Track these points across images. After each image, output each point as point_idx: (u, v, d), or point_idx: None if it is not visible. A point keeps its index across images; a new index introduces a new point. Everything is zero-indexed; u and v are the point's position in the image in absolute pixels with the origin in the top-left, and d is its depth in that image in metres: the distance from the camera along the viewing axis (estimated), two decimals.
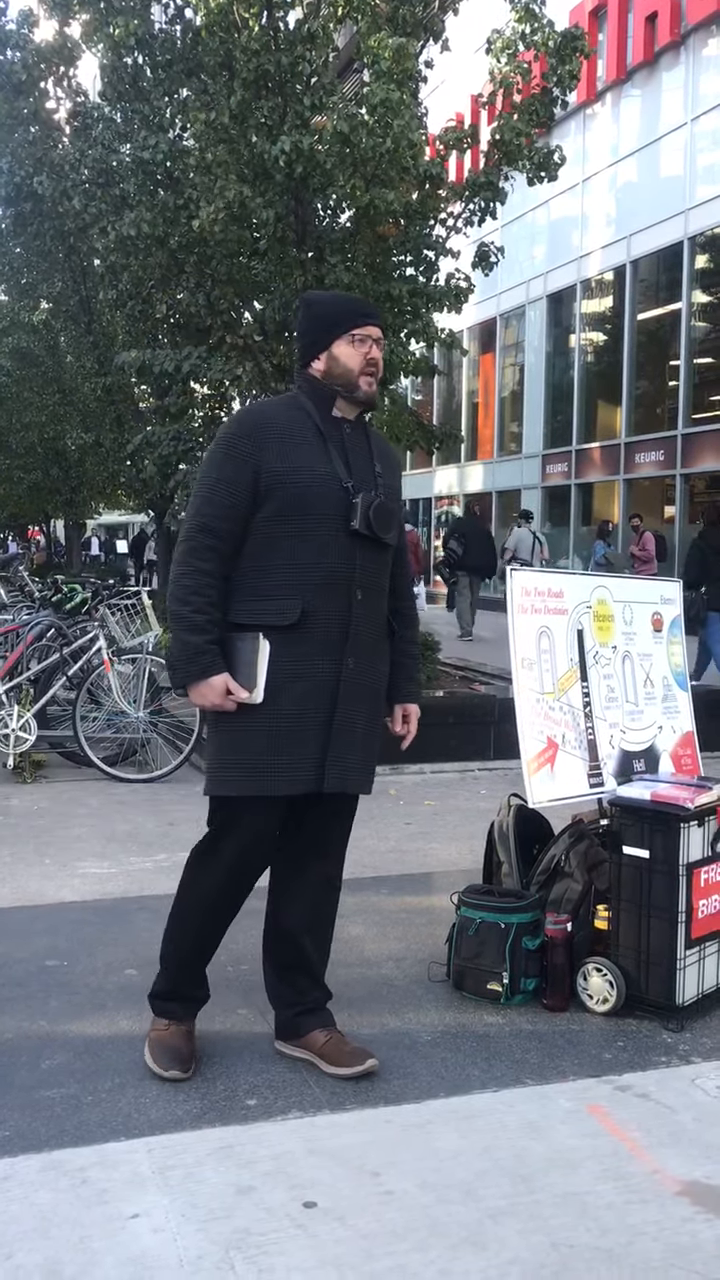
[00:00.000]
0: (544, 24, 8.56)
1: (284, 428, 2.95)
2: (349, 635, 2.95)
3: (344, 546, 2.92)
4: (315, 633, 2.91)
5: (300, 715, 2.90)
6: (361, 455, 3.04)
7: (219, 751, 2.97)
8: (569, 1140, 2.72)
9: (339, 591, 2.92)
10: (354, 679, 2.97)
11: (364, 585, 2.97)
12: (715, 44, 17.29)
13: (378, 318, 3.10)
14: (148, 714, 6.98)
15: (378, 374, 3.06)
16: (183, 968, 3.13)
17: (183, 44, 8.96)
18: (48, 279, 15.86)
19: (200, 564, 2.90)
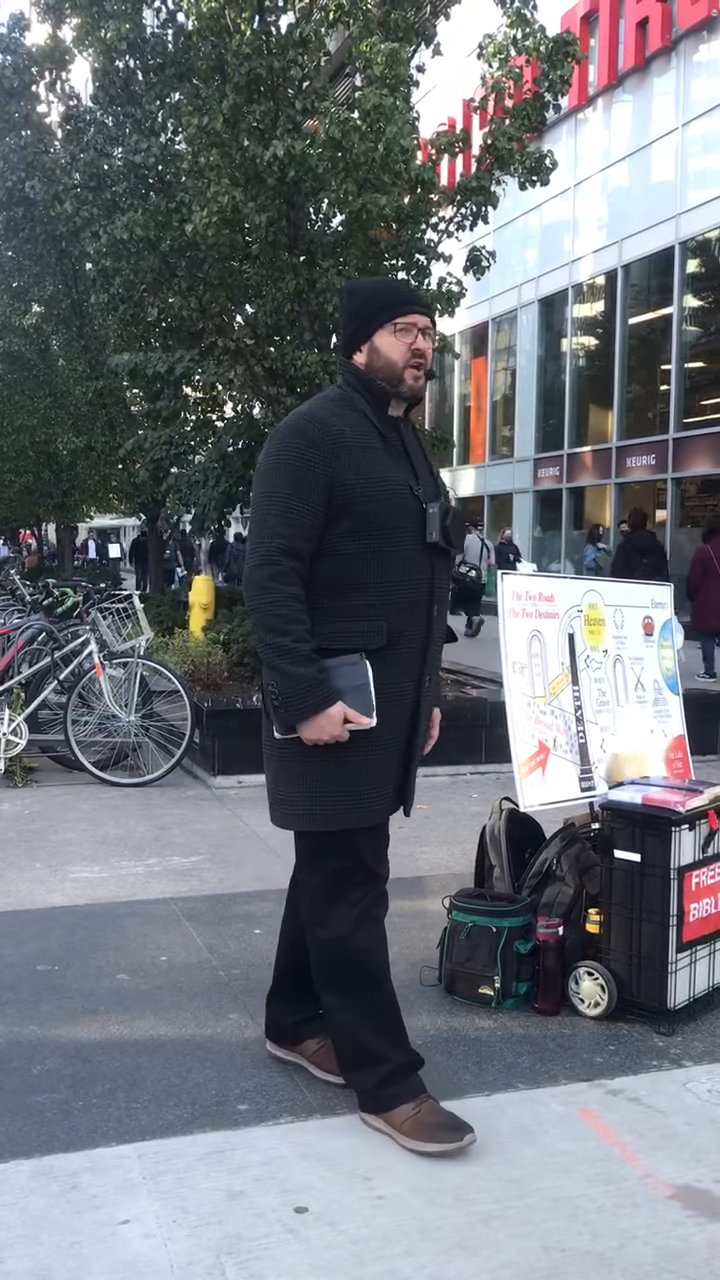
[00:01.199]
0: (536, 29, 8.59)
1: (351, 434, 2.71)
2: (427, 653, 2.81)
3: (424, 562, 2.76)
4: (401, 653, 2.75)
5: (390, 740, 2.76)
6: (419, 458, 2.86)
7: (302, 785, 2.75)
8: (560, 1144, 2.72)
9: (420, 609, 2.77)
10: (428, 695, 2.85)
11: (440, 600, 2.82)
12: (706, 49, 17.34)
13: (424, 305, 2.83)
14: (139, 718, 6.97)
15: (425, 366, 2.81)
16: (386, 1037, 2.81)
17: (175, 48, 8.97)
18: (39, 283, 15.84)
19: (290, 589, 2.66)
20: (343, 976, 2.79)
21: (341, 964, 2.78)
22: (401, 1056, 2.79)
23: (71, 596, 7.97)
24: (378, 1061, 2.76)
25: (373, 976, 2.80)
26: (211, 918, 4.39)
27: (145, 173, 8.36)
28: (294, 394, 8.90)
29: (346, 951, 2.77)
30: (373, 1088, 2.77)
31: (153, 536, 17.50)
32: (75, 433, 16.73)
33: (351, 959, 2.77)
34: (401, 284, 2.94)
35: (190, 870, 5.04)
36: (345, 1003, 2.79)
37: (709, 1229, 2.39)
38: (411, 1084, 2.76)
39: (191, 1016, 3.45)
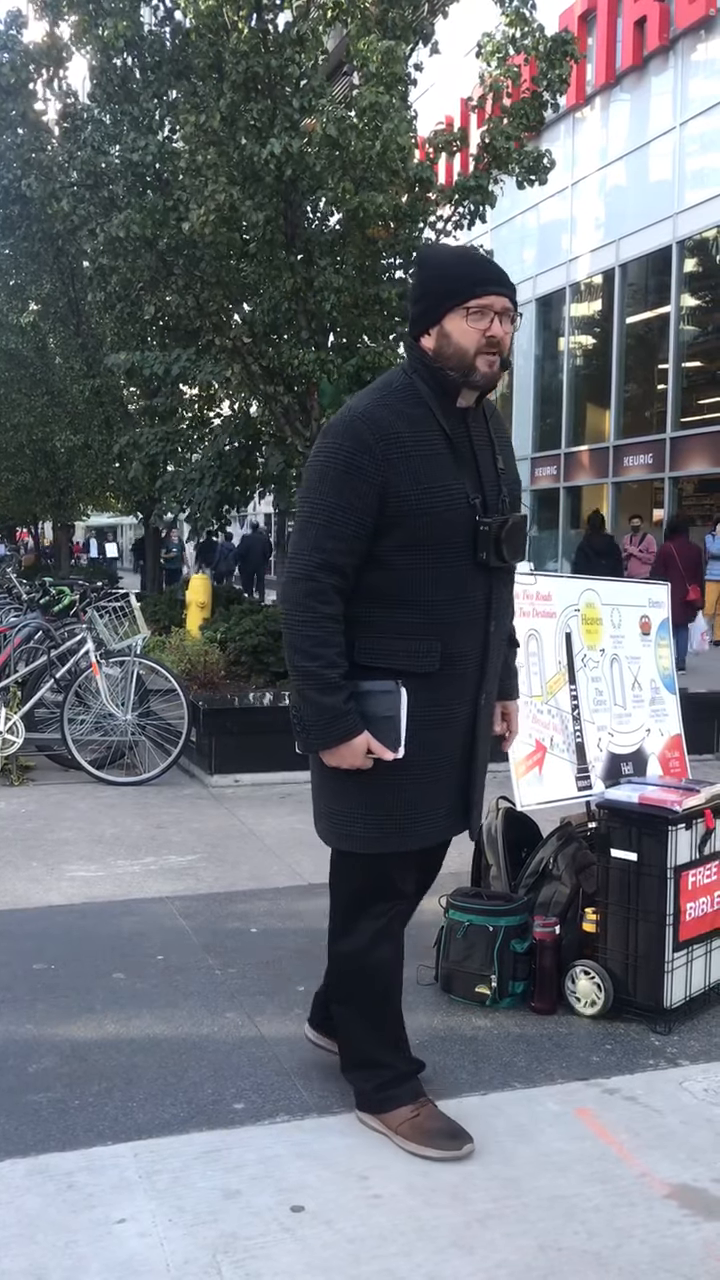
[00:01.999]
0: (534, 28, 8.59)
1: (409, 435, 2.50)
2: (485, 672, 2.65)
3: (479, 576, 2.57)
4: (455, 674, 2.59)
5: (439, 765, 2.62)
6: (486, 454, 2.63)
7: (346, 803, 2.64)
8: (556, 1143, 2.72)
9: (476, 628, 2.60)
10: (486, 713, 2.70)
11: (498, 616, 2.65)
12: (704, 49, 17.35)
13: (503, 283, 2.54)
14: (136, 717, 6.97)
15: (501, 352, 2.54)
16: (388, 1045, 2.77)
17: (172, 46, 8.96)
18: (36, 281, 15.83)
19: (325, 608, 2.50)
20: (355, 989, 2.77)
21: (356, 976, 2.75)
22: (403, 1064, 2.78)
23: (68, 595, 7.96)
24: (378, 1066, 2.76)
25: (383, 992, 2.76)
26: (208, 917, 4.38)
27: (143, 171, 8.35)
28: (291, 392, 8.90)
29: (363, 966, 2.74)
30: (371, 1090, 2.76)
31: (148, 535, 17.50)
32: (72, 431, 16.72)
33: (366, 973, 2.74)
34: (480, 258, 2.61)
35: (187, 869, 5.04)
36: (353, 1012, 2.78)
37: (705, 1228, 2.39)
38: (411, 1088, 2.75)
39: (188, 1015, 3.45)
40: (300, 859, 5.21)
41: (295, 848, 5.41)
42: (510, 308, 2.55)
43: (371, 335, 8.84)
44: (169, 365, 9.89)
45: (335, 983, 2.81)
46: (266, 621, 9.95)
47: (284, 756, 6.93)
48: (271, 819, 6.00)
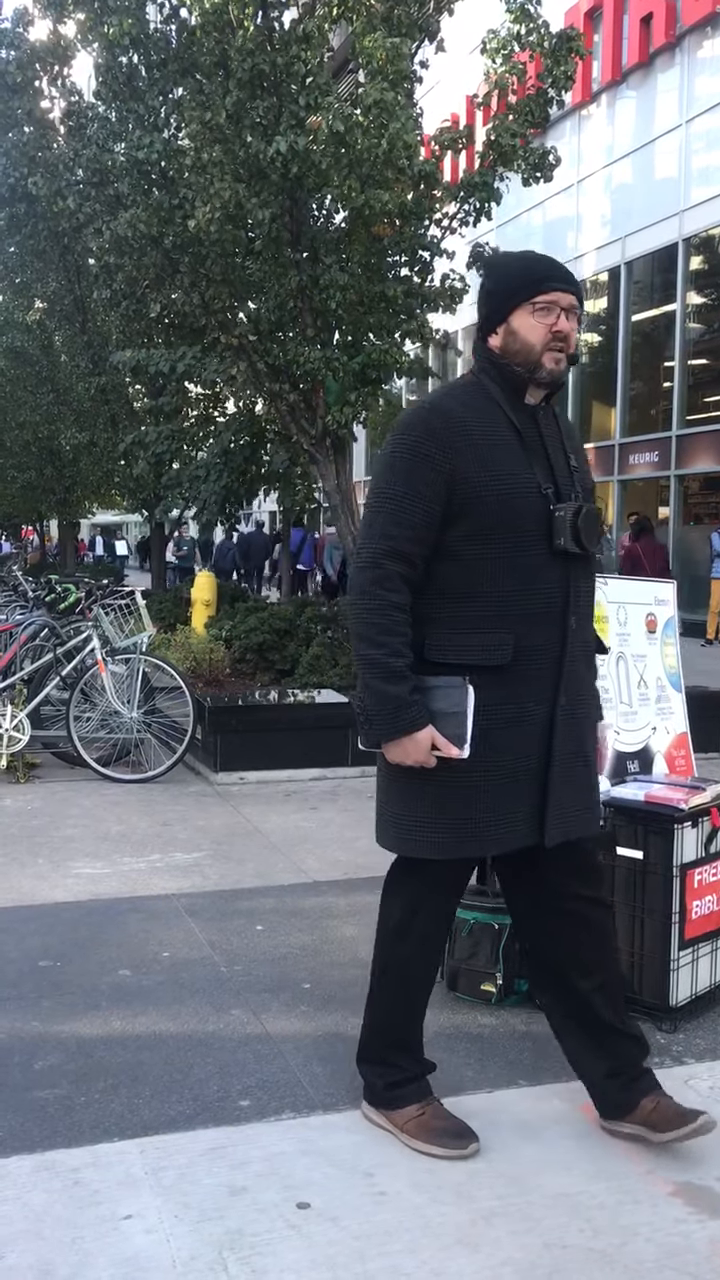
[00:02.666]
0: (539, 25, 8.57)
1: (477, 425, 2.50)
2: (563, 670, 2.55)
3: (555, 566, 2.52)
4: (528, 671, 2.51)
5: (511, 766, 2.53)
6: (557, 449, 2.61)
7: (414, 808, 2.57)
8: (561, 1141, 2.72)
9: (553, 621, 2.53)
10: (569, 716, 2.58)
11: (578, 610, 2.58)
12: (710, 45, 17.30)
13: (567, 280, 2.56)
14: (141, 714, 6.98)
15: (568, 348, 2.54)
16: (405, 1050, 2.76)
17: (178, 43, 8.95)
18: (42, 278, 15.82)
19: (392, 596, 2.48)
20: (391, 988, 2.74)
21: (397, 977, 2.73)
22: (415, 1066, 2.77)
23: (74, 593, 7.97)
24: (391, 1065, 2.75)
25: (415, 996, 2.75)
26: (213, 914, 4.39)
27: (148, 168, 8.35)
28: (296, 390, 8.89)
29: (408, 972, 2.72)
30: (381, 1086, 2.75)
31: (154, 533, 17.51)
32: (78, 428, 16.73)
33: (406, 978, 2.73)
34: (544, 257, 2.63)
35: (192, 866, 5.04)
36: (381, 1009, 2.76)
37: (711, 1226, 2.39)
38: (420, 1088, 2.75)
39: (193, 1012, 3.46)
40: (305, 856, 5.22)
41: (300, 845, 5.42)
42: (575, 304, 2.55)
43: (377, 333, 8.83)
44: (174, 363, 9.88)
45: (374, 978, 2.77)
46: (271, 620, 9.96)
47: (289, 754, 6.98)
48: (277, 816, 6.01)
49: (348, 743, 7.12)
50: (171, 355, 9.96)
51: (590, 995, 2.69)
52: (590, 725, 2.69)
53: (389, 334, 8.76)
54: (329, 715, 7.35)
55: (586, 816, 2.64)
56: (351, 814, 6.09)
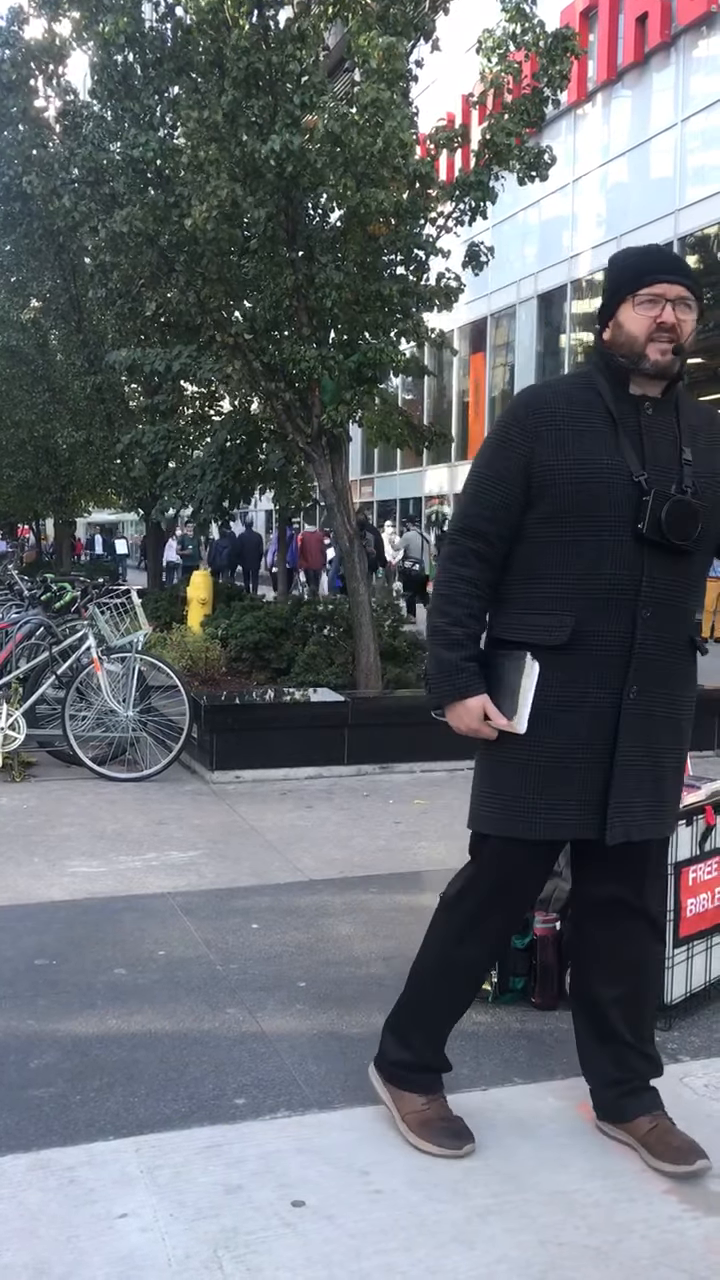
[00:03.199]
0: (535, 24, 8.56)
1: (565, 411, 2.54)
2: (631, 659, 2.52)
3: (629, 553, 2.50)
4: (591, 655, 2.51)
5: (567, 750, 2.53)
6: (665, 441, 2.57)
7: (479, 782, 2.65)
8: (557, 1139, 2.72)
9: (621, 607, 2.50)
10: (638, 710, 2.54)
11: (655, 600, 2.52)
12: (705, 45, 17.32)
13: (676, 270, 2.56)
14: (137, 713, 6.97)
15: (677, 340, 2.53)
16: (428, 1036, 2.75)
17: (173, 42, 8.93)
18: (37, 277, 15.81)
19: (461, 570, 2.57)
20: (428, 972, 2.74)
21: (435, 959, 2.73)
22: (432, 1058, 2.76)
23: (70, 591, 7.96)
24: (410, 1046, 2.75)
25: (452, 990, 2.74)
26: (209, 912, 4.39)
27: (143, 167, 8.33)
28: (292, 389, 8.88)
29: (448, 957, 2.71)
30: (393, 1061, 2.75)
31: (149, 532, 17.50)
32: (74, 427, 16.72)
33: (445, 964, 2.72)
34: (656, 250, 2.63)
35: (188, 865, 5.04)
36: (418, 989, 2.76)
37: (705, 1223, 2.39)
38: (430, 1081, 2.75)
39: (189, 1011, 3.46)
40: (301, 855, 5.22)
41: (296, 844, 5.42)
42: (686, 296, 2.55)
43: (372, 332, 8.82)
44: (170, 362, 9.87)
45: (420, 952, 2.77)
46: (268, 618, 9.96)
47: (285, 753, 6.98)
48: (273, 815, 6.01)
49: (344, 741, 7.13)
50: (167, 354, 9.96)
51: (608, 1005, 2.70)
52: (674, 726, 2.63)
53: (384, 333, 8.75)
54: (325, 714, 7.35)
55: (656, 820, 2.60)
56: (347, 812, 6.09)
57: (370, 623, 8.75)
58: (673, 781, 2.66)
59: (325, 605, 10.72)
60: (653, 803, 2.59)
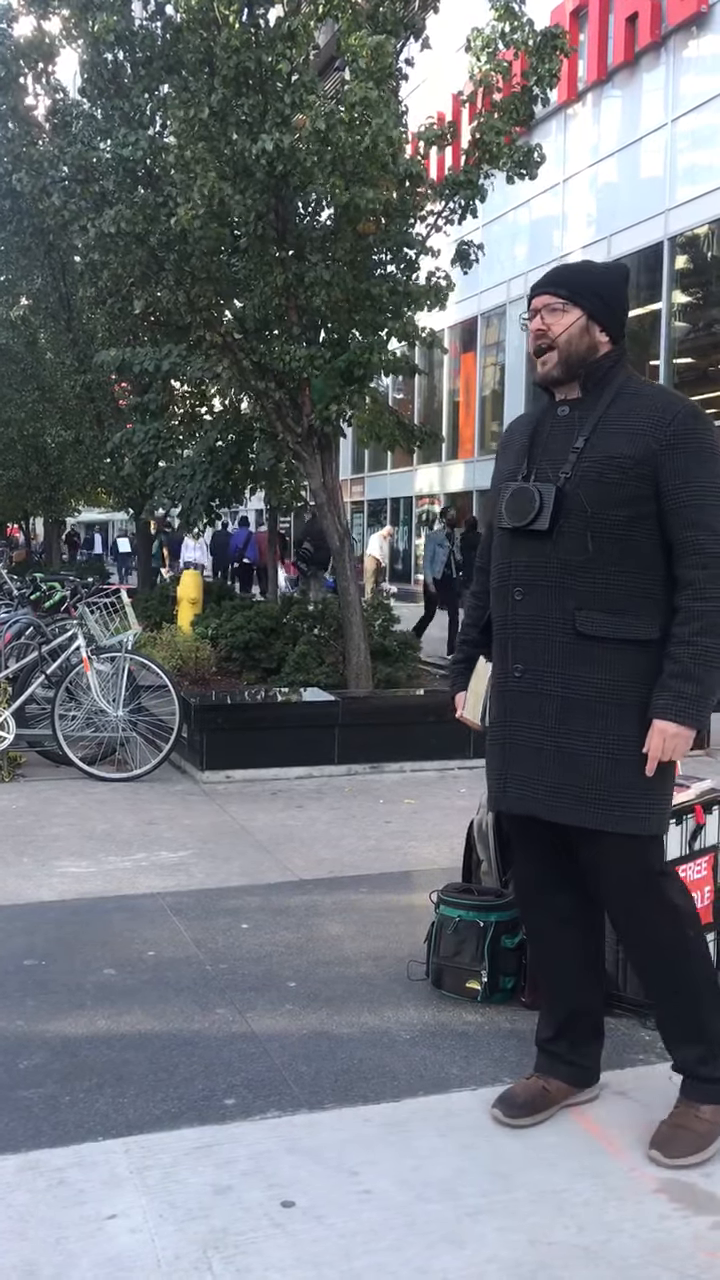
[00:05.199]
0: (524, 23, 8.57)
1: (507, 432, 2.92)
2: (508, 637, 2.73)
3: (505, 541, 2.73)
4: (498, 640, 2.79)
5: (492, 728, 2.80)
6: (566, 436, 2.69)
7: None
8: (547, 1138, 2.73)
9: (504, 593, 2.74)
10: (523, 687, 2.68)
11: (523, 581, 2.68)
12: (695, 45, 17.34)
13: (542, 284, 2.77)
14: (127, 713, 6.96)
15: (544, 345, 2.71)
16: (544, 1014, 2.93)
17: (163, 41, 8.92)
18: (27, 276, 15.77)
19: None
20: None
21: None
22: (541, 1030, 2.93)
23: (59, 591, 7.94)
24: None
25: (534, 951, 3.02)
26: (199, 913, 4.38)
27: (133, 166, 8.32)
28: (282, 388, 8.88)
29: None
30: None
31: (139, 531, 17.48)
32: (63, 426, 16.68)
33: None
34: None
35: (178, 865, 5.04)
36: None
37: (694, 1221, 2.39)
38: (537, 1059, 2.90)
39: (179, 1011, 3.45)
40: (291, 855, 5.21)
41: (286, 844, 5.41)
42: (550, 300, 2.72)
43: (362, 331, 8.81)
44: (159, 361, 9.86)
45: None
46: (258, 618, 9.95)
47: (275, 753, 6.98)
48: (263, 815, 6.00)
49: (334, 741, 7.12)
50: (156, 354, 9.94)
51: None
52: (584, 708, 2.60)
53: (374, 332, 8.75)
54: (315, 714, 7.35)
55: (565, 802, 2.61)
56: (337, 812, 6.09)
57: (361, 622, 8.76)
58: (599, 768, 2.59)
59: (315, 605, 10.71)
60: (561, 784, 2.61)
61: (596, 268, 2.82)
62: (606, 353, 2.72)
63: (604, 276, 2.78)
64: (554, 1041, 2.86)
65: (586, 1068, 2.87)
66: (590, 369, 2.71)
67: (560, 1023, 2.86)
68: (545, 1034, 2.89)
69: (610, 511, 2.58)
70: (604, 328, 2.71)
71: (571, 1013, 2.84)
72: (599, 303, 2.71)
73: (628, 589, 2.59)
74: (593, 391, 2.71)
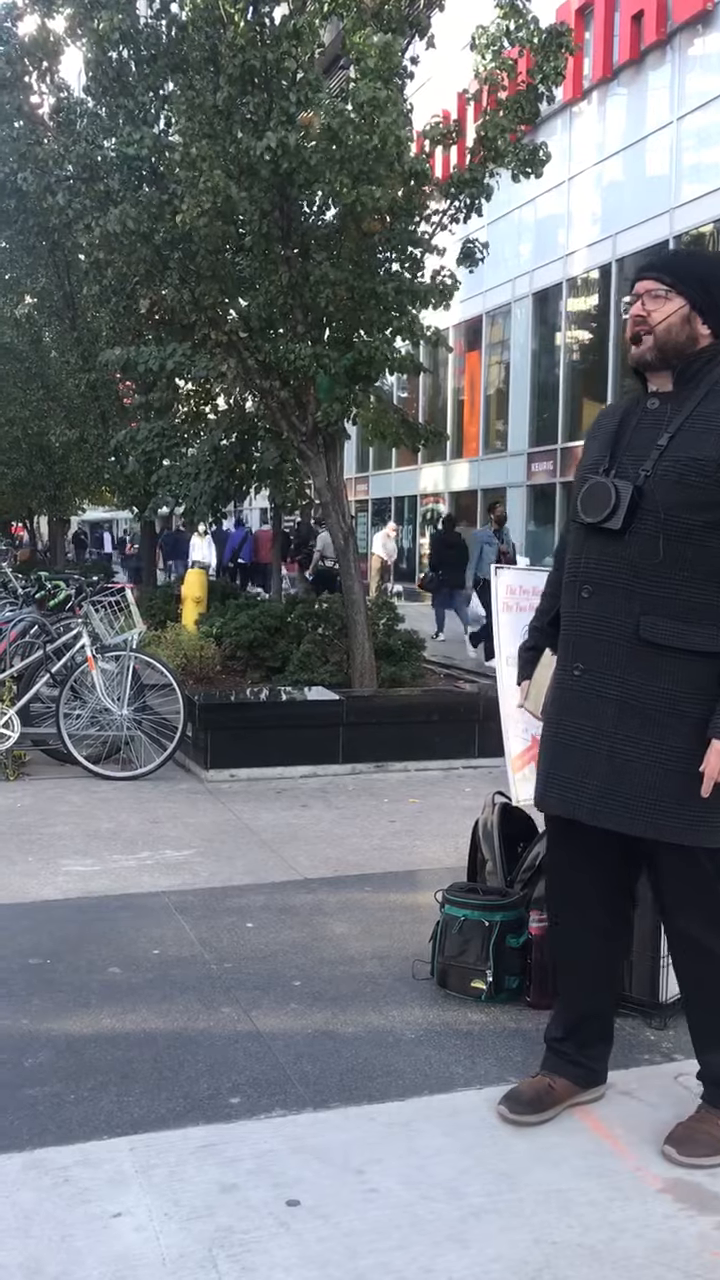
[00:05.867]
0: (529, 20, 8.55)
1: (597, 420, 2.79)
2: (572, 634, 2.66)
3: (578, 537, 2.66)
4: (563, 636, 2.73)
5: (546, 725, 2.75)
6: (653, 430, 2.61)
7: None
8: (552, 1137, 2.72)
9: (573, 589, 2.67)
10: (581, 687, 2.62)
11: (592, 579, 2.60)
12: (701, 43, 17.33)
13: (647, 269, 2.68)
14: (131, 711, 6.96)
15: (642, 332, 2.63)
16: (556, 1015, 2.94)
17: (168, 39, 8.92)
18: (31, 274, 15.77)
19: None
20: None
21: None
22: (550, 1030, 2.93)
23: (64, 590, 7.95)
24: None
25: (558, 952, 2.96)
26: (204, 911, 4.39)
27: (138, 164, 8.32)
28: (286, 386, 8.87)
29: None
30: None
31: (143, 530, 17.49)
32: (68, 425, 16.67)
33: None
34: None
35: (182, 864, 5.04)
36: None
37: (700, 1222, 2.39)
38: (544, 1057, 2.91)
39: (184, 1010, 3.45)
40: (296, 854, 5.22)
41: (291, 842, 5.41)
42: (653, 286, 2.62)
43: (367, 329, 8.80)
44: (164, 360, 9.85)
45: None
46: (262, 617, 9.95)
47: (280, 752, 6.98)
48: (267, 814, 6.01)
49: (338, 740, 7.12)
50: (161, 352, 9.93)
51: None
52: (641, 715, 2.54)
53: (379, 330, 8.74)
54: (319, 713, 7.35)
55: (617, 811, 2.55)
56: (342, 811, 6.09)
57: (365, 621, 8.75)
58: (649, 777, 2.53)
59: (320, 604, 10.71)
60: (609, 789, 2.56)
61: (707, 256, 2.72)
62: (706, 346, 2.61)
63: (714, 267, 2.65)
64: (563, 1041, 2.86)
65: (593, 1069, 2.87)
66: (687, 362, 2.60)
67: (571, 1024, 2.85)
68: (555, 1033, 2.88)
69: (687, 515, 2.49)
70: (706, 320, 2.60)
71: (584, 1015, 2.84)
72: (704, 294, 2.59)
73: (695, 598, 2.50)
74: (686, 386, 2.60)
